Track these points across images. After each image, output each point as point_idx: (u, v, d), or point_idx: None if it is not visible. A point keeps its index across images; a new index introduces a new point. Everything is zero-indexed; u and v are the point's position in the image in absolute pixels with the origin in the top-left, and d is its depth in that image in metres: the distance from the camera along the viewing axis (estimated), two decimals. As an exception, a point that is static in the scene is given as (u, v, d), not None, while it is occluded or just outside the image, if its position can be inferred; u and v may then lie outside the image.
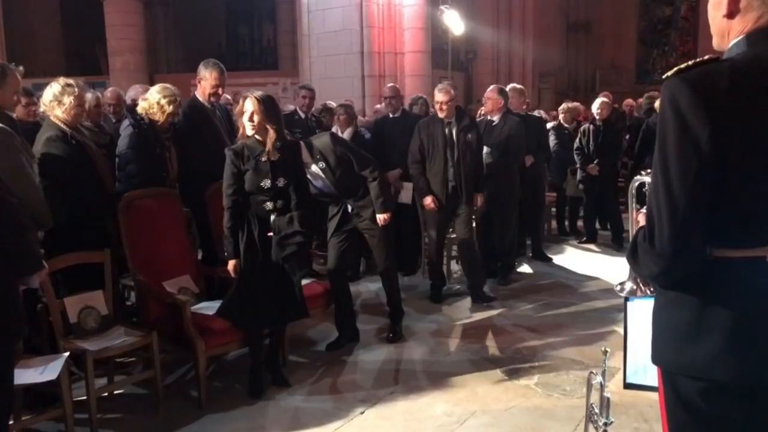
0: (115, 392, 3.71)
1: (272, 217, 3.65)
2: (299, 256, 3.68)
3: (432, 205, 5.23)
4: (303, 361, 4.24)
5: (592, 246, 7.52)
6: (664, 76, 1.43)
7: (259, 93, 3.64)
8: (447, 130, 5.20)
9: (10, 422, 3.03)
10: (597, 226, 7.79)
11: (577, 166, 7.37)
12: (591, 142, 7.19)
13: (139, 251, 3.88)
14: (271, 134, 3.56)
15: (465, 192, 5.21)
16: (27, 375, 2.89)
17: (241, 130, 3.66)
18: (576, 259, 7.02)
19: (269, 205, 3.65)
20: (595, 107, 7.20)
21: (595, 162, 7.13)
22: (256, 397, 3.67)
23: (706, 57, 1.41)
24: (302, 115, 6.43)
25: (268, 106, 3.59)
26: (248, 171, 3.61)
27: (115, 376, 3.71)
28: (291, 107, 6.89)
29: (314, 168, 4.15)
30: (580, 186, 7.45)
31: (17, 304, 2.27)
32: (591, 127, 7.26)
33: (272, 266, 3.66)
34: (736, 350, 1.44)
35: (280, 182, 3.64)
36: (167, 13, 18.36)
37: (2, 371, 2.23)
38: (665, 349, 1.55)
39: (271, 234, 3.65)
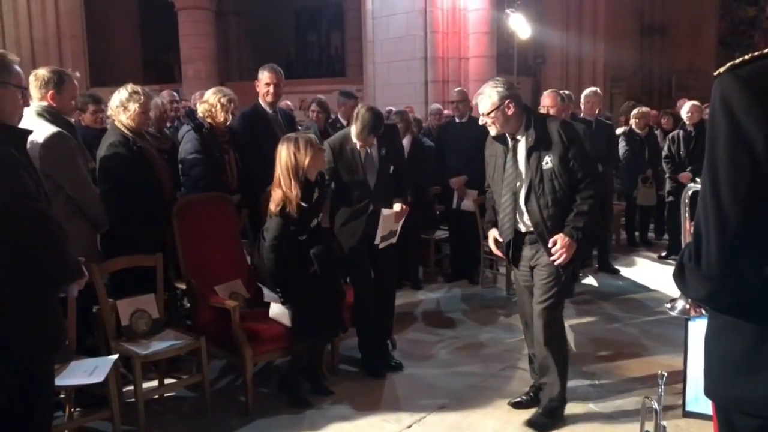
0: (166, 395, 3.76)
1: (311, 251, 3.72)
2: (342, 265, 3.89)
3: (495, 249, 3.56)
4: (353, 371, 4.17)
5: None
6: (715, 73, 1.26)
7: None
8: (509, 150, 3.33)
9: (63, 420, 3.11)
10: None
11: (667, 175, 6.98)
12: (682, 149, 6.78)
13: (191, 255, 3.92)
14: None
15: (543, 242, 3.29)
16: (76, 376, 2.93)
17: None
18: (646, 271, 6.69)
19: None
20: (685, 111, 6.79)
21: (688, 170, 6.67)
22: (300, 407, 3.63)
23: (765, 50, 1.23)
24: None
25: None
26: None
27: (167, 378, 3.76)
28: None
29: (375, 152, 4.08)
30: (670, 197, 7.04)
31: (54, 315, 2.25)
32: (681, 132, 6.85)
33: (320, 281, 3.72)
34: None
35: (314, 222, 3.75)
36: (239, 22, 18.84)
37: (41, 383, 2.20)
38: (718, 381, 1.37)
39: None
